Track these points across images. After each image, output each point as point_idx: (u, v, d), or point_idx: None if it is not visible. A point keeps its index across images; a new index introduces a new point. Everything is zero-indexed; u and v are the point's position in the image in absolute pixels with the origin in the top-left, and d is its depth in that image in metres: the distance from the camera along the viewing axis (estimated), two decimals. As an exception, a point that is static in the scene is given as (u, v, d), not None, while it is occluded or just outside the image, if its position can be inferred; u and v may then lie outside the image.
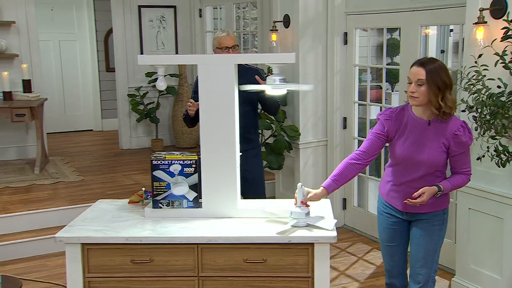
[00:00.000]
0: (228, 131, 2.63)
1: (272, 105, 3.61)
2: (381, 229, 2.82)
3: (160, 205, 2.70)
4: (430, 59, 2.55)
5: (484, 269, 3.36)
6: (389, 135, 2.65)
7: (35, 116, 5.71)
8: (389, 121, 2.64)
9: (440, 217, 2.67)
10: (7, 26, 6.04)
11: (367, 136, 2.73)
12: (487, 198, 3.24)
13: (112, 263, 2.49)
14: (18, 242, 4.30)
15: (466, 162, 2.62)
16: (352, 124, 4.76)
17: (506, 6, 2.95)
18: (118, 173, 5.89)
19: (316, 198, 2.66)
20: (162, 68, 2.69)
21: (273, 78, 2.58)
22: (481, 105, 2.90)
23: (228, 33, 3.50)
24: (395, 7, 4.16)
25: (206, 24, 7.02)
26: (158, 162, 2.67)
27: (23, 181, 5.39)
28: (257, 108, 3.67)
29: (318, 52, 4.74)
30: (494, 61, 2.88)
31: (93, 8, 8.21)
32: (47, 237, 4.33)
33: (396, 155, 2.63)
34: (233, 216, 2.66)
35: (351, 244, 4.52)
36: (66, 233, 2.51)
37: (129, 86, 6.97)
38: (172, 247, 2.47)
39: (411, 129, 2.59)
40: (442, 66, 2.50)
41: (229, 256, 2.47)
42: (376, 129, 2.68)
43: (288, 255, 2.46)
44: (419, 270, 2.70)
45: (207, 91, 2.61)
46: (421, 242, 2.67)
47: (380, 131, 2.66)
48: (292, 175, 4.94)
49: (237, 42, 3.50)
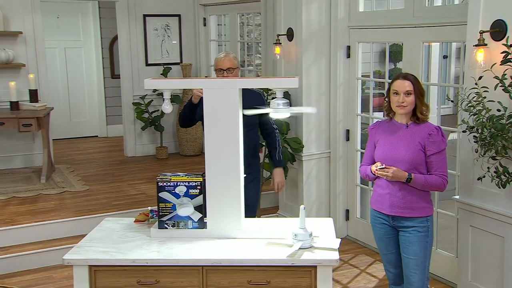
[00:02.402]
0: (232, 153, 2.68)
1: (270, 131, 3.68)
2: (377, 239, 3.05)
3: (166, 225, 2.75)
4: (408, 73, 2.94)
5: (485, 285, 3.40)
6: (376, 142, 2.97)
7: (42, 125, 5.78)
8: (374, 129, 3.02)
9: (424, 224, 2.87)
10: (14, 36, 6.11)
11: (365, 151, 3.07)
12: (488, 217, 3.29)
13: (118, 284, 2.55)
14: (25, 254, 4.35)
15: (441, 166, 2.84)
16: (355, 136, 4.80)
17: (506, 29, 2.99)
18: (123, 182, 5.95)
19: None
20: (168, 92, 2.74)
21: (276, 102, 2.63)
22: (481, 126, 2.94)
23: (226, 54, 3.49)
24: (397, 23, 4.20)
25: (210, 33, 7.07)
26: (164, 183, 2.73)
27: (30, 190, 5.46)
28: (257, 131, 3.68)
29: (321, 65, 4.79)
30: (494, 84, 2.92)
31: (98, 16, 8.28)
32: (53, 249, 4.40)
33: (377, 156, 2.93)
34: (237, 237, 2.71)
35: (353, 256, 4.56)
36: (74, 255, 2.56)
37: (134, 94, 7.03)
38: (177, 268, 2.53)
39: (390, 132, 2.92)
40: (417, 78, 2.90)
41: (233, 278, 2.52)
42: (368, 141, 3.04)
43: (291, 277, 2.51)
44: (412, 278, 2.89)
45: (212, 114, 2.67)
46: (410, 251, 2.88)
47: (371, 141, 3.02)
48: (296, 186, 4.99)
49: (235, 65, 3.46)
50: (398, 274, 3.02)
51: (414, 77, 2.88)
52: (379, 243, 3.05)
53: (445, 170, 2.86)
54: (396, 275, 3.04)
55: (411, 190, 2.84)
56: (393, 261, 3.02)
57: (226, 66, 3.44)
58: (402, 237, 2.91)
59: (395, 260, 3.01)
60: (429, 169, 2.85)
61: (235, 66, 3.46)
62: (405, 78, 2.85)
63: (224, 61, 3.44)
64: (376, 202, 2.99)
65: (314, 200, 4.94)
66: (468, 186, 3.40)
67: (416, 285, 2.89)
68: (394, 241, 2.97)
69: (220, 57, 3.48)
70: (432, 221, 2.92)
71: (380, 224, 2.98)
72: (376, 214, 3.00)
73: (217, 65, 3.49)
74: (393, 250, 2.99)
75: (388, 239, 2.98)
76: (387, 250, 3.01)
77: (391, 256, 3.01)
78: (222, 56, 3.47)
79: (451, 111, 8.68)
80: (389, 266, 3.05)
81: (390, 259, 3.02)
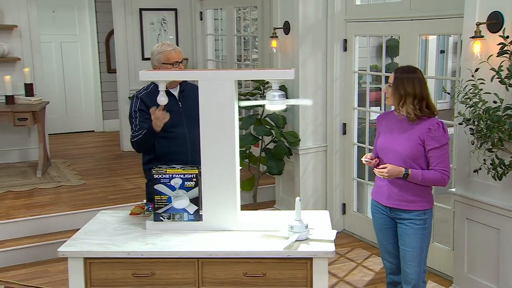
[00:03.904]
0: (228, 145, 2.67)
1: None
2: (376, 229, 3.08)
3: (161, 218, 2.74)
4: (409, 69, 2.87)
5: (481, 278, 3.41)
6: (380, 131, 2.98)
7: (37, 119, 5.76)
8: (381, 119, 3.03)
9: (421, 217, 2.87)
10: (9, 30, 6.07)
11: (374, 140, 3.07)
12: (484, 209, 3.28)
13: (114, 276, 2.54)
14: (20, 248, 4.34)
15: (442, 161, 2.81)
16: (351, 130, 4.79)
17: (502, 21, 2.98)
18: (119, 176, 5.93)
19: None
20: (163, 84, 2.73)
21: (272, 93, 2.62)
22: (477, 118, 2.94)
23: (173, 45, 3.14)
24: (394, 16, 4.19)
25: (207, 27, 7.05)
26: (160, 176, 2.71)
27: (26, 185, 5.44)
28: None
29: (318, 59, 4.77)
30: (490, 75, 2.91)
31: (94, 10, 8.24)
32: (49, 243, 4.39)
33: (378, 146, 2.96)
34: (233, 229, 2.71)
35: (350, 250, 4.56)
36: (69, 247, 2.55)
37: (130, 88, 6.99)
38: (173, 261, 2.52)
39: (393, 124, 2.91)
40: (411, 78, 2.79)
41: (229, 270, 2.52)
42: (377, 131, 3.04)
43: (287, 269, 2.51)
44: (408, 270, 2.92)
45: (207, 106, 2.65)
46: (407, 243, 2.89)
47: (377, 131, 3.03)
48: (292, 180, 4.98)
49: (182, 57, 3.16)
50: (396, 264, 3.04)
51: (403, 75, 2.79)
52: (378, 233, 3.07)
53: (446, 165, 2.83)
54: (394, 265, 3.05)
55: (409, 183, 2.83)
56: (391, 251, 3.03)
57: (180, 58, 3.11)
58: (400, 228, 2.93)
59: (393, 250, 3.02)
60: (429, 164, 2.84)
61: (183, 59, 3.17)
62: (396, 71, 2.87)
63: (177, 53, 3.10)
64: (375, 193, 3.02)
65: (310, 194, 4.93)
66: (465, 179, 3.40)
67: (412, 276, 2.91)
68: (392, 231, 2.99)
69: (168, 49, 3.08)
70: (430, 214, 2.92)
71: (379, 214, 3.01)
72: (375, 204, 3.03)
73: (166, 58, 3.07)
74: (391, 241, 3.01)
75: (386, 229, 3.00)
76: (386, 240, 3.03)
77: (389, 246, 3.03)
78: (171, 49, 3.09)
79: (447, 106, 8.69)
80: (387, 256, 3.07)
81: (388, 249, 3.04)
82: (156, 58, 3.10)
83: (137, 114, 3.11)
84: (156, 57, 3.10)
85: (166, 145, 3.11)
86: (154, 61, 3.12)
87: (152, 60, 3.14)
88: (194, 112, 2.84)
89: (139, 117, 3.09)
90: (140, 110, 3.10)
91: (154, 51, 3.12)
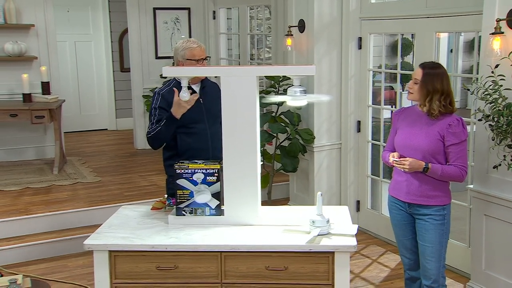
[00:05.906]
0: (250, 140, 2.70)
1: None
2: (394, 225, 3.08)
3: (184, 212, 2.78)
4: (434, 65, 2.89)
5: (499, 274, 3.42)
6: (397, 128, 2.98)
7: (54, 117, 5.83)
8: (397, 116, 3.03)
9: (440, 212, 2.89)
10: (27, 29, 6.14)
11: (388, 136, 3.09)
12: (502, 205, 3.29)
13: (138, 269, 2.58)
14: (40, 243, 4.41)
15: (460, 157, 2.83)
16: (366, 127, 4.81)
17: (523, 17, 3.00)
18: (134, 173, 5.99)
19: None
20: (185, 80, 2.77)
21: (293, 89, 2.65)
22: (497, 114, 2.95)
23: (199, 43, 3.15)
24: (409, 13, 4.20)
25: (219, 26, 7.09)
26: (182, 171, 2.75)
27: (43, 181, 5.50)
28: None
29: (333, 57, 4.80)
30: (510, 71, 2.92)
31: (108, 9, 8.31)
32: (67, 238, 4.46)
33: (397, 142, 2.95)
34: (255, 224, 2.74)
35: (365, 247, 4.58)
36: (94, 241, 2.60)
37: (144, 87, 7.07)
38: (196, 254, 2.56)
39: (412, 120, 2.92)
40: (439, 74, 2.81)
41: (251, 264, 2.55)
42: (392, 127, 3.04)
43: (309, 263, 2.53)
44: (428, 265, 2.92)
45: (230, 102, 2.68)
46: (426, 238, 2.90)
47: (394, 127, 3.03)
48: (307, 177, 5.01)
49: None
50: (414, 259, 3.05)
51: (432, 71, 2.81)
52: (395, 229, 3.08)
53: (465, 162, 2.85)
54: (412, 261, 3.06)
55: (428, 179, 2.85)
56: (409, 247, 3.04)
57: (204, 55, 3.14)
58: (419, 224, 2.94)
59: (411, 246, 3.03)
60: (448, 160, 2.86)
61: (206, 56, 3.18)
62: (423, 67, 2.85)
63: (202, 50, 3.12)
64: (393, 189, 3.02)
65: (325, 191, 4.95)
66: (483, 175, 3.41)
67: (432, 272, 2.92)
68: (410, 227, 2.99)
69: (193, 46, 3.09)
70: (449, 210, 2.93)
71: (397, 210, 3.01)
72: (393, 200, 3.03)
73: (192, 55, 3.08)
74: (409, 236, 3.01)
75: (404, 225, 3.01)
76: (404, 236, 3.04)
77: (407, 242, 3.04)
78: (196, 46, 3.10)
79: (459, 104, 8.68)
80: (405, 252, 3.08)
81: (406, 245, 3.05)
82: (181, 54, 3.11)
83: (157, 111, 3.14)
84: (181, 53, 3.11)
85: (187, 141, 3.14)
86: (179, 57, 3.13)
87: (175, 55, 3.16)
88: (214, 109, 2.89)
89: (158, 115, 3.12)
90: (160, 108, 3.13)
91: (178, 47, 3.14)
